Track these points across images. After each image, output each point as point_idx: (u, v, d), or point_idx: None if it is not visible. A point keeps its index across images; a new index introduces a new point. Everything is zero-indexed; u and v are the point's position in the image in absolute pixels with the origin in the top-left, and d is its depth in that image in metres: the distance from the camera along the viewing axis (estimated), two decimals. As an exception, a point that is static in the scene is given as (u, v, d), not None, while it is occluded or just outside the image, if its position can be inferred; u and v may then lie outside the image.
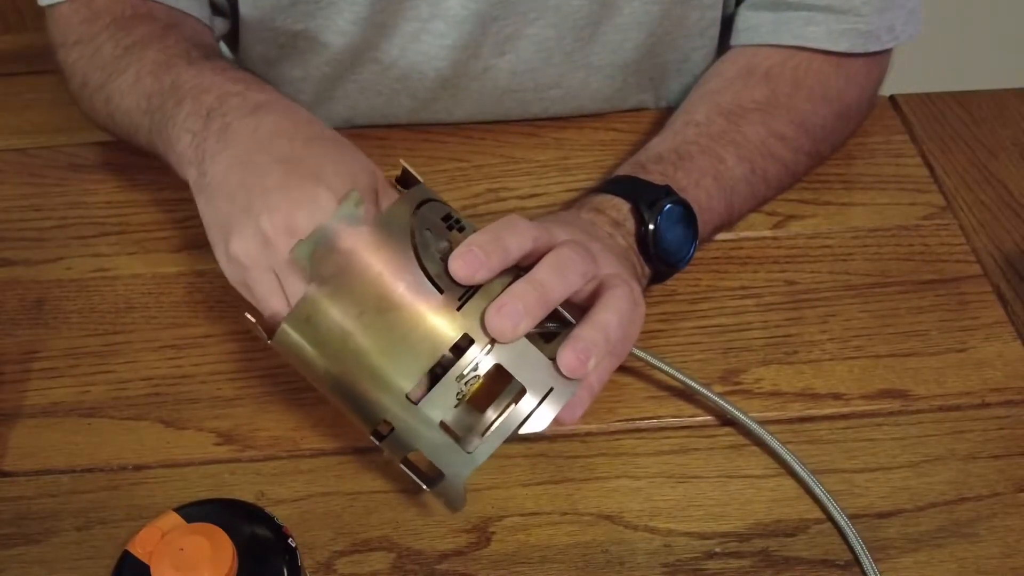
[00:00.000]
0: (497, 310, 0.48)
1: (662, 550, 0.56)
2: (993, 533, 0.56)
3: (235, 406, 0.62)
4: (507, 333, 0.48)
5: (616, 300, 0.52)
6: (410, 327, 0.49)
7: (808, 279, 0.69)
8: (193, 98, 0.58)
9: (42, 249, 0.70)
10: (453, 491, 0.52)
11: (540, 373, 0.50)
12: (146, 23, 0.67)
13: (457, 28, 0.72)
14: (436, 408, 0.49)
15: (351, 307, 0.49)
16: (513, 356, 0.49)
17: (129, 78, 0.64)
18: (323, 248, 0.49)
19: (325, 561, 0.55)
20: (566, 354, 0.50)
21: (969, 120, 0.79)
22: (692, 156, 0.67)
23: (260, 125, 0.54)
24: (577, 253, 0.51)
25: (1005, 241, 0.71)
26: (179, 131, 0.58)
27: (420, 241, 0.49)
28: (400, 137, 0.78)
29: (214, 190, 0.54)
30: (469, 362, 0.49)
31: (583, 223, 0.61)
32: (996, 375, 0.63)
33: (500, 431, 0.50)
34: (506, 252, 0.49)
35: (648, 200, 0.62)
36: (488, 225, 0.50)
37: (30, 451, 0.60)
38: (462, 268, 0.49)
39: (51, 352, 0.64)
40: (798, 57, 0.72)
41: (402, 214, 0.50)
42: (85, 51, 0.68)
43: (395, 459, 0.52)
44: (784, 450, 0.58)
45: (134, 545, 0.46)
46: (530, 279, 0.50)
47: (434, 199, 0.52)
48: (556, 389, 0.50)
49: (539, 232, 0.51)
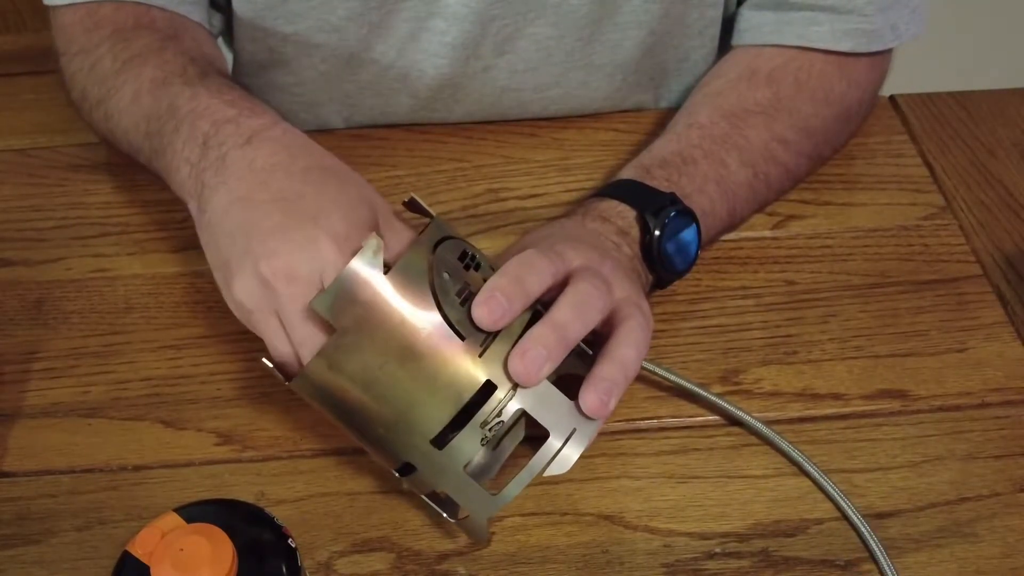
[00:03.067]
0: (520, 356, 0.49)
1: (662, 550, 0.56)
2: (993, 533, 0.56)
3: (235, 406, 0.62)
4: (530, 378, 0.49)
5: (634, 333, 0.52)
6: (433, 376, 0.49)
7: (808, 279, 0.69)
8: (189, 124, 0.57)
9: (42, 249, 0.70)
10: (478, 528, 0.53)
11: (563, 415, 0.50)
12: (145, 35, 0.67)
13: (457, 26, 0.72)
14: (461, 453, 0.50)
15: (373, 358, 0.49)
16: (536, 401, 0.50)
17: (126, 96, 0.64)
18: (343, 299, 0.49)
19: (325, 561, 0.55)
20: (589, 396, 0.50)
21: (969, 120, 0.79)
22: (696, 161, 0.67)
23: (256, 157, 0.54)
24: (595, 287, 0.51)
25: (1005, 241, 0.71)
26: (178, 160, 0.57)
27: (439, 286, 0.49)
28: (400, 137, 0.78)
29: (215, 229, 0.54)
30: (493, 408, 0.49)
31: (590, 235, 0.61)
32: (996, 375, 0.63)
33: (524, 476, 0.50)
34: (527, 295, 0.50)
35: (653, 208, 0.62)
36: (506, 264, 0.50)
37: (30, 451, 0.60)
38: (487, 316, 0.49)
39: (51, 352, 0.64)
40: (800, 59, 0.72)
41: (420, 259, 0.50)
42: (85, 63, 0.68)
43: (417, 492, 0.53)
44: (794, 450, 0.59)
45: (134, 545, 0.46)
46: (550, 322, 0.50)
47: (449, 235, 0.52)
48: (579, 430, 0.50)
49: (556, 267, 0.52)
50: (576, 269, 0.53)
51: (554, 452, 0.50)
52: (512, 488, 0.50)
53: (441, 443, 0.50)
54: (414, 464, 0.51)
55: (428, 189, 0.74)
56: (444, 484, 0.51)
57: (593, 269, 0.53)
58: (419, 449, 0.50)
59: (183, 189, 0.58)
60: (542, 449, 0.50)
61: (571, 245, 0.55)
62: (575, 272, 0.53)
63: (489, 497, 0.51)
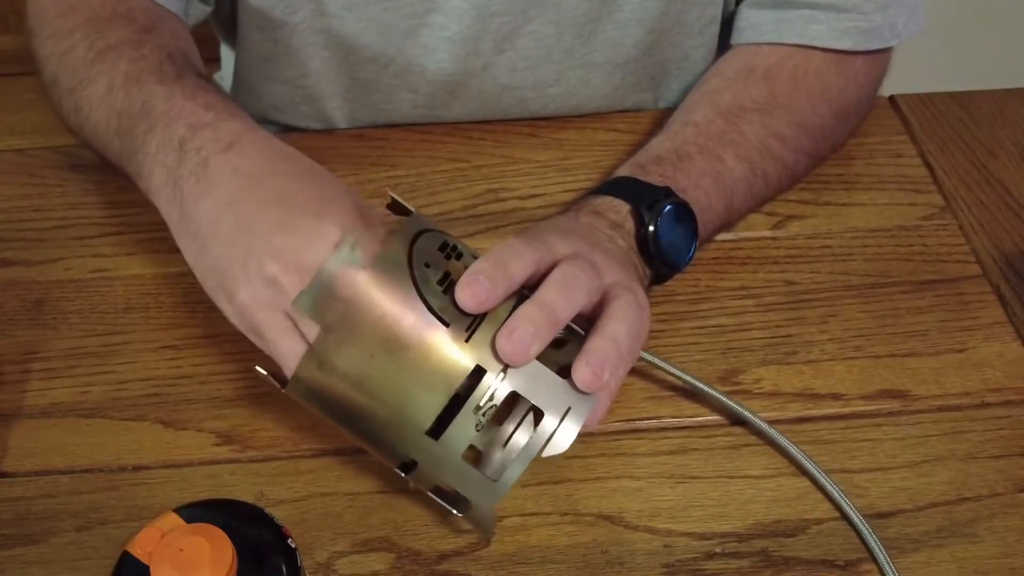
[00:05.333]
0: (508, 335, 0.48)
1: (662, 550, 0.56)
2: (993, 533, 0.56)
3: (235, 406, 0.62)
4: (519, 357, 0.49)
5: (622, 309, 0.52)
6: (421, 364, 0.49)
7: (808, 279, 0.69)
8: (164, 126, 0.56)
9: (42, 249, 0.70)
10: (483, 518, 0.53)
11: (556, 394, 0.50)
12: (122, 25, 0.65)
13: (457, 21, 0.72)
14: (457, 441, 0.49)
15: (360, 352, 0.49)
16: (527, 381, 0.50)
17: (99, 89, 0.62)
18: (324, 296, 0.49)
19: (325, 561, 0.55)
20: (581, 369, 0.50)
21: (968, 120, 0.79)
22: (691, 157, 0.67)
23: (240, 163, 0.53)
24: (581, 269, 0.51)
25: (1005, 241, 0.71)
26: (152, 163, 0.56)
27: (420, 276, 0.49)
28: (400, 137, 0.78)
29: (206, 237, 0.53)
30: (484, 392, 0.49)
31: (582, 228, 0.61)
32: (996, 375, 0.63)
33: (523, 457, 0.50)
34: (511, 278, 0.50)
35: (648, 202, 0.62)
36: (489, 251, 0.50)
37: (30, 451, 0.60)
38: (470, 297, 0.49)
39: (51, 352, 0.64)
40: (798, 56, 0.72)
41: (399, 251, 0.50)
42: (58, 48, 0.66)
43: (423, 489, 0.53)
44: (797, 450, 0.58)
45: (134, 546, 0.46)
46: (537, 300, 0.50)
47: (429, 228, 0.52)
48: (574, 408, 0.50)
49: (541, 253, 0.51)
50: (563, 256, 0.53)
51: (550, 432, 0.50)
52: (511, 472, 0.50)
53: (437, 433, 0.49)
54: (415, 459, 0.51)
55: (428, 189, 0.74)
56: (445, 475, 0.51)
57: (581, 255, 0.53)
58: (416, 442, 0.50)
59: (158, 194, 0.56)
60: (538, 430, 0.50)
61: (560, 235, 0.55)
62: (562, 258, 0.52)
63: (491, 484, 0.50)
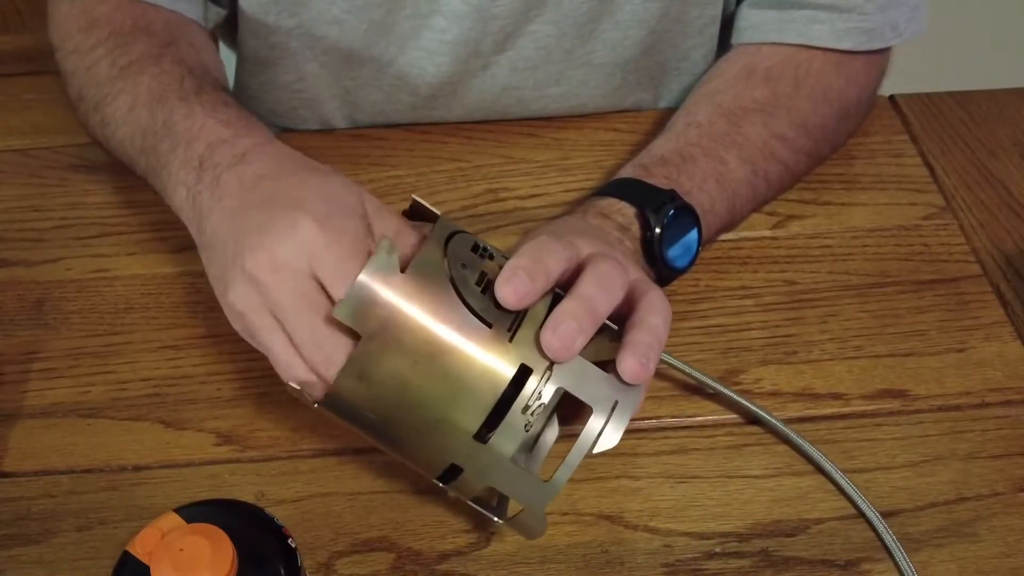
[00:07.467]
0: (553, 330, 0.48)
1: (662, 550, 0.56)
2: (993, 533, 0.56)
3: (235, 406, 0.62)
4: (565, 352, 0.48)
5: (656, 303, 0.52)
6: (466, 367, 0.48)
7: (808, 279, 0.69)
8: (185, 145, 0.58)
9: (42, 249, 0.70)
10: (534, 520, 0.51)
11: (603, 389, 0.50)
12: (143, 40, 0.67)
13: (457, 24, 0.72)
14: (507, 443, 0.49)
15: (403, 358, 0.48)
16: (573, 378, 0.49)
17: (123, 106, 0.64)
18: (364, 304, 0.48)
19: (325, 561, 0.55)
20: (628, 361, 0.49)
21: (969, 120, 0.79)
22: (695, 159, 0.67)
23: (246, 173, 0.55)
24: (613, 266, 0.51)
25: (1005, 241, 0.71)
26: (175, 183, 0.58)
27: (458, 278, 0.49)
28: (400, 137, 0.78)
29: (212, 246, 0.54)
30: (531, 392, 0.48)
31: (593, 229, 0.61)
32: (996, 375, 0.63)
33: (575, 454, 0.49)
34: (548, 273, 0.50)
35: (653, 205, 0.62)
36: (521, 249, 0.50)
37: (30, 451, 0.60)
38: (511, 294, 0.48)
39: (51, 352, 0.64)
40: (799, 56, 0.72)
41: (434, 254, 0.49)
42: (82, 63, 0.68)
43: (463, 498, 0.52)
44: (813, 449, 0.58)
45: (134, 546, 0.46)
46: (577, 296, 0.50)
47: (459, 230, 0.51)
48: (621, 402, 0.50)
49: (570, 251, 0.51)
50: (590, 255, 0.53)
51: (600, 427, 0.49)
52: (564, 471, 0.49)
53: (483, 437, 0.49)
54: (459, 465, 0.50)
55: (428, 189, 0.74)
56: (493, 479, 0.50)
57: (606, 252, 0.53)
58: (462, 448, 0.49)
59: (181, 211, 0.59)
60: (587, 426, 0.49)
61: (579, 236, 0.56)
62: (590, 256, 0.52)
63: (543, 484, 0.50)
